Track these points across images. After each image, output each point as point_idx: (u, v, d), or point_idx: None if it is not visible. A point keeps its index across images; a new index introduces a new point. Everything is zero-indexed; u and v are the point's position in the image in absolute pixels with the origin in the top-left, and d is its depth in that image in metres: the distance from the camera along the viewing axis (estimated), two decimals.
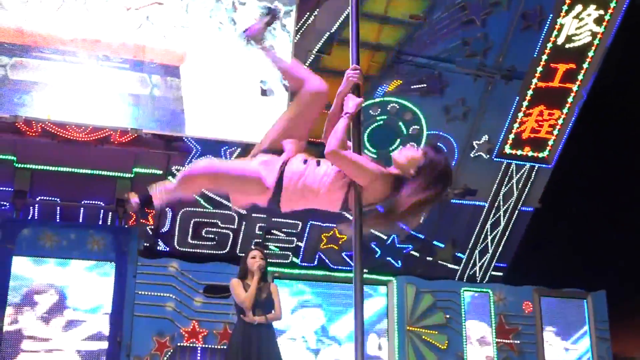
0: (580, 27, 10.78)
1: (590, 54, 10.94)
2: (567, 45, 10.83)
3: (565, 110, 11.17)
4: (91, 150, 9.61)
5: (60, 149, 9.50)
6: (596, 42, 10.89)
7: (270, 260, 8.74)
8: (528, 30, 10.91)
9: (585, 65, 10.98)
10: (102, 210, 10.02)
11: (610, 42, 10.91)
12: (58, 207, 9.85)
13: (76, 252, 8.95)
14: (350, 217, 3.62)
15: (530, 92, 10.99)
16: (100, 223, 9.98)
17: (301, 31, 9.89)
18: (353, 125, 3.71)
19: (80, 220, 9.89)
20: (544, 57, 10.83)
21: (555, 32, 10.74)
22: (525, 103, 11.02)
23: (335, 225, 10.78)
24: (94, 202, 9.92)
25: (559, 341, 11.19)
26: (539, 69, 10.87)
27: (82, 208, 9.92)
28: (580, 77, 11.03)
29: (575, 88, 11.07)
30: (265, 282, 6.88)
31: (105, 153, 9.69)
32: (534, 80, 10.94)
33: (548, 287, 11.32)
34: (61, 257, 8.93)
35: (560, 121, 11.19)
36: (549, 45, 10.77)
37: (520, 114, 11.06)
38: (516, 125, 11.11)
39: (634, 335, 12.91)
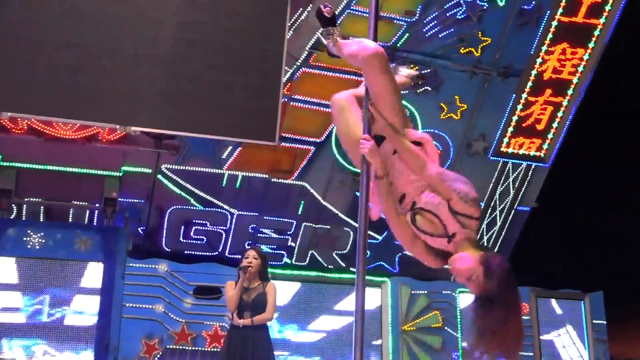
0: None
1: None
2: None
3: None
4: (78, 149, 9.55)
5: (47, 147, 9.44)
6: None
7: None
8: (525, 26, 10.88)
9: None
10: (90, 210, 9.97)
11: None
12: (44, 207, 9.79)
13: (63, 252, 8.89)
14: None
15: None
16: (87, 222, 9.93)
17: (294, 27, 9.85)
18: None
19: (67, 220, 9.83)
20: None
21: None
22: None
23: (328, 227, 10.80)
24: (81, 201, 9.86)
25: (556, 343, 11.18)
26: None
27: (69, 207, 9.86)
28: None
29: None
30: (263, 282, 6.80)
31: (93, 151, 9.64)
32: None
33: (545, 289, 11.30)
34: (47, 257, 8.87)
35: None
36: None
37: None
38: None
39: (632, 336, 12.91)
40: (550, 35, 10.78)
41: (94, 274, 9.01)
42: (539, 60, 10.86)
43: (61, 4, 8.15)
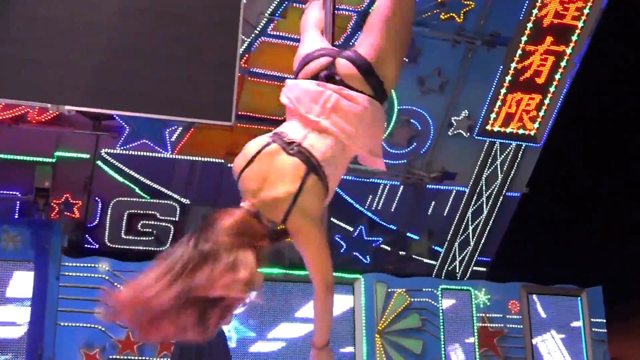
0: None
1: None
2: None
3: None
4: (4, 131, 9.41)
5: None
6: None
7: None
8: None
9: None
10: (18, 202, 9.85)
11: None
12: None
13: None
14: None
15: None
16: (16, 216, 9.82)
17: None
18: None
19: None
20: None
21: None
22: None
23: None
24: (8, 191, 9.75)
25: (550, 344, 11.24)
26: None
27: None
28: None
29: None
30: None
31: (21, 134, 9.53)
32: (522, 45, 10.83)
33: (537, 284, 11.37)
34: None
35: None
36: None
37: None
38: (498, 103, 10.98)
39: (634, 336, 13.02)
40: None
41: (23, 275, 8.94)
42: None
43: None
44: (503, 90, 11.02)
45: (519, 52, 10.91)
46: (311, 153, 3.11)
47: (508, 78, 11.00)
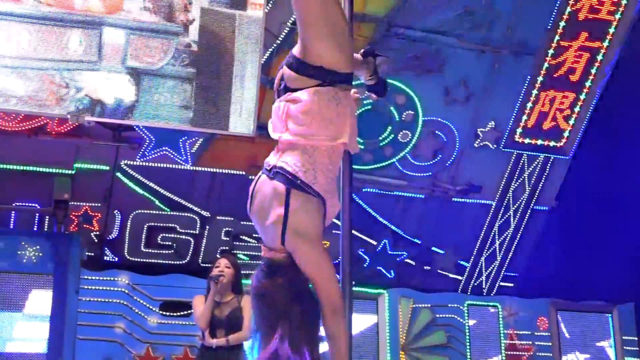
0: None
1: None
2: None
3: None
4: (23, 142, 9.48)
5: None
6: None
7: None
8: None
9: None
10: (37, 214, 9.88)
11: None
12: None
13: (6, 264, 8.82)
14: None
15: None
16: (35, 229, 9.84)
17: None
18: None
19: (11, 226, 9.75)
20: None
21: None
22: None
23: None
24: (27, 203, 9.77)
25: None
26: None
27: (12, 211, 9.78)
28: None
29: None
30: (236, 295, 6.77)
31: (41, 145, 9.57)
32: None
33: (567, 300, 11.31)
34: None
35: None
36: None
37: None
38: (529, 105, 11.00)
39: None
40: None
41: (43, 288, 8.92)
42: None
43: None
44: (535, 92, 10.96)
45: (553, 48, 10.83)
46: (285, 170, 3.17)
47: (540, 79, 10.94)
